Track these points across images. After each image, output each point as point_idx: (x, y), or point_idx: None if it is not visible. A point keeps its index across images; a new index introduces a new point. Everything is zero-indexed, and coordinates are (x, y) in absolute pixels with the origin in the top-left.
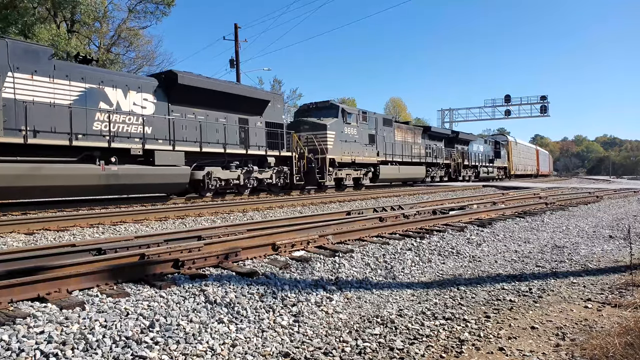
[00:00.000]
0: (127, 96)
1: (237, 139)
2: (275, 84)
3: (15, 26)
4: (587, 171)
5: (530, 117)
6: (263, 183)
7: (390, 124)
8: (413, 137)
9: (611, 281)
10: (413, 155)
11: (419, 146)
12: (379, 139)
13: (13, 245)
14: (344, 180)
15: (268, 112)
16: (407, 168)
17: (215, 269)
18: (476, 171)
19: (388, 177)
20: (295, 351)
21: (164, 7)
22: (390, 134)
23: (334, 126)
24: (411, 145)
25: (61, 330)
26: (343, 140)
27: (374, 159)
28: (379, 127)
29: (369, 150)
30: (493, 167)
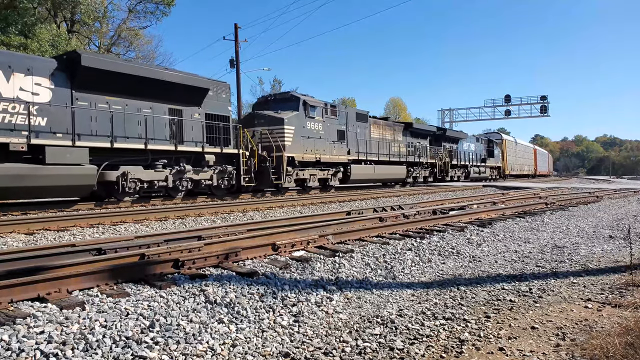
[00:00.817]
0: (10, 79)
1: (167, 133)
2: (275, 83)
3: (15, 26)
4: (587, 171)
5: (530, 117)
6: (200, 185)
7: (365, 120)
8: (392, 134)
9: (611, 281)
10: (392, 154)
11: (400, 144)
12: (350, 136)
13: (13, 245)
14: (307, 182)
15: (209, 103)
16: (385, 168)
17: (215, 269)
18: (466, 171)
19: (361, 178)
20: (295, 351)
21: (164, 7)
22: (365, 130)
23: (294, 120)
24: (390, 142)
25: (61, 330)
26: (305, 136)
27: (344, 157)
28: (350, 122)
29: (337, 148)
30: (485, 167)
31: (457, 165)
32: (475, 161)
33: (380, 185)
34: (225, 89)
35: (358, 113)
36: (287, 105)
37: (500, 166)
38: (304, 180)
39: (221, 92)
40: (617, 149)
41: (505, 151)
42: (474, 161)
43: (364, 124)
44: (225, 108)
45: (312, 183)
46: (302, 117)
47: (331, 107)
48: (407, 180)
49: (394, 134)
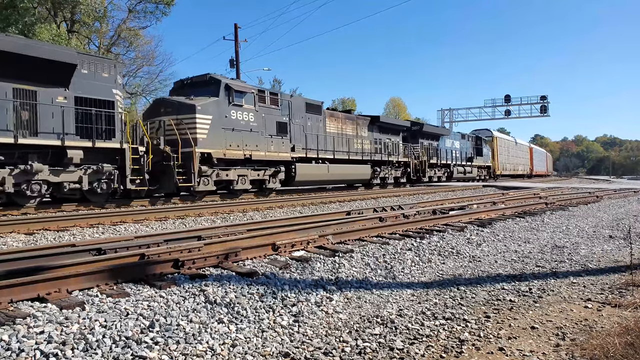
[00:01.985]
0: None
1: (8, 121)
2: (275, 83)
3: (16, 26)
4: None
5: (530, 117)
6: (64, 189)
7: (318, 111)
8: (355, 129)
9: (611, 281)
10: (352, 151)
11: (364, 140)
12: (296, 129)
13: (13, 245)
14: (234, 184)
15: (82, 84)
16: (344, 167)
17: (215, 269)
18: (448, 171)
19: (311, 179)
20: (295, 351)
21: (163, 7)
22: (319, 123)
23: (211, 108)
24: (351, 138)
25: (61, 330)
26: (228, 128)
27: (287, 154)
28: (296, 113)
29: (277, 144)
30: (472, 166)
31: (437, 164)
32: (460, 160)
33: (341, 188)
34: (109, 67)
35: (309, 103)
36: (205, 90)
37: (490, 165)
38: (229, 182)
39: (102, 70)
40: (617, 149)
41: (496, 149)
42: (459, 160)
43: (316, 115)
44: (109, 91)
45: (241, 186)
46: (223, 105)
47: (271, 94)
48: (373, 181)
49: (356, 129)
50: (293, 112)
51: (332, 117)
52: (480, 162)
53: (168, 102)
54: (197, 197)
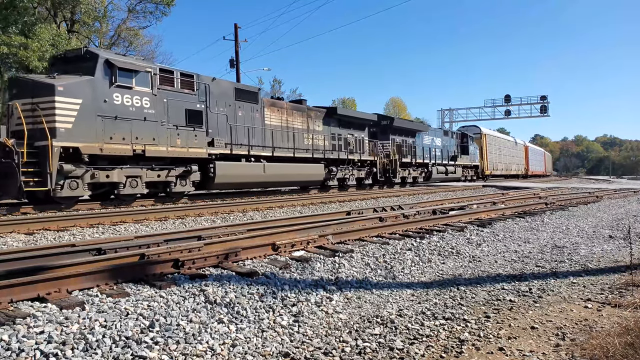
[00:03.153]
0: None
1: None
2: (275, 83)
3: (16, 26)
4: (587, 171)
5: (530, 117)
6: None
7: (254, 99)
8: (305, 122)
9: (611, 281)
10: (301, 148)
11: (318, 135)
12: (216, 120)
13: (13, 245)
14: (121, 187)
15: None
16: (286, 167)
17: (215, 269)
18: (426, 171)
19: (237, 180)
20: (295, 351)
21: (163, 7)
22: (254, 113)
23: (80, 89)
24: (300, 133)
25: (61, 330)
26: (108, 115)
27: (202, 150)
28: (218, 100)
29: (186, 137)
30: (455, 166)
31: (411, 163)
32: (442, 159)
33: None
34: None
35: (239, 89)
36: (79, 67)
37: (478, 165)
38: (114, 185)
39: None
40: (617, 149)
41: (485, 147)
42: (439, 159)
43: (250, 104)
44: None
45: (131, 190)
46: (101, 86)
47: (182, 75)
48: (329, 183)
49: (307, 122)
50: (214, 98)
51: (273, 107)
52: (466, 161)
53: (22, 82)
54: (65, 206)
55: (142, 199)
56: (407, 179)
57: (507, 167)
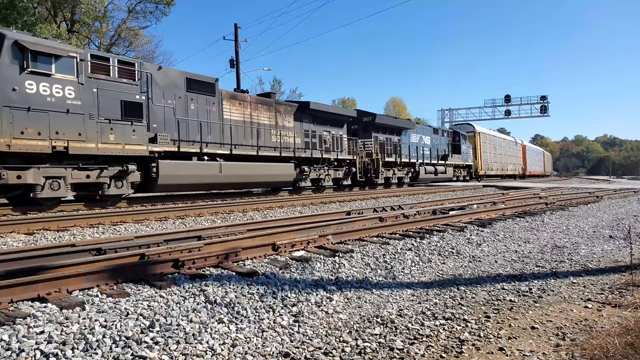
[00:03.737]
0: None
1: None
2: (275, 83)
3: (16, 26)
4: (587, 171)
5: (530, 117)
6: None
7: (210, 91)
8: (273, 118)
9: (611, 281)
10: (267, 146)
11: (287, 132)
12: (162, 113)
13: (13, 245)
14: (38, 189)
15: None
16: (248, 166)
17: (215, 269)
18: (412, 171)
19: (185, 182)
20: (295, 351)
21: (163, 7)
22: (209, 107)
23: None
24: (267, 129)
25: (61, 330)
26: (18, 106)
27: (141, 147)
28: (167, 91)
29: (122, 132)
30: (446, 165)
31: (396, 163)
32: (431, 158)
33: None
34: None
35: (192, 79)
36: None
37: (471, 164)
38: (29, 188)
39: None
40: (617, 149)
41: (479, 146)
42: (428, 158)
43: (206, 97)
44: None
45: (52, 192)
46: (9, 72)
47: (119, 63)
48: (301, 184)
49: (275, 117)
50: (160, 89)
51: (233, 101)
52: (458, 160)
53: None
54: None
55: (69, 203)
56: (391, 179)
57: (503, 167)
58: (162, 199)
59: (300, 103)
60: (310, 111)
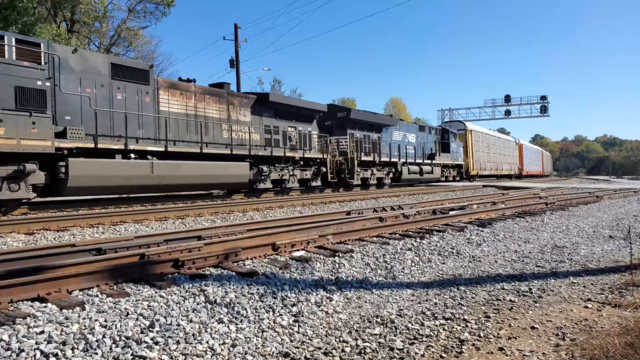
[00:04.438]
0: None
1: None
2: (275, 83)
3: (16, 26)
4: (587, 171)
5: (530, 117)
6: None
7: (143, 79)
8: (224, 110)
9: (611, 281)
10: (217, 143)
11: (242, 127)
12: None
13: (13, 245)
14: None
15: None
16: (188, 166)
17: (215, 269)
18: (394, 171)
19: (105, 184)
20: (295, 351)
21: (163, 7)
22: (142, 97)
23: None
24: (216, 124)
25: (61, 330)
26: None
27: (44, 143)
28: (84, 77)
29: (15, 124)
30: (433, 165)
31: (375, 162)
32: (416, 157)
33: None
34: None
35: (117, 65)
36: None
37: (462, 164)
38: None
39: None
40: (617, 149)
41: (470, 145)
42: (412, 157)
43: (137, 85)
44: None
45: None
46: None
47: (20, 43)
48: (259, 185)
49: (227, 110)
50: (75, 75)
51: (173, 91)
52: (447, 159)
53: None
54: None
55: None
56: (369, 180)
57: (497, 167)
58: (162, 199)
59: (259, 95)
60: (271, 104)
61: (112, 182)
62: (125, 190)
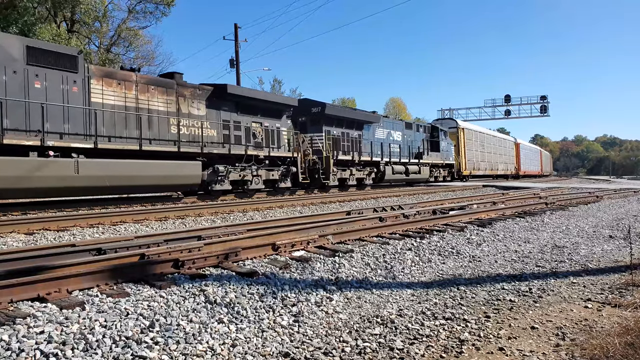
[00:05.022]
0: None
1: None
2: (275, 83)
3: (16, 26)
4: (587, 171)
5: (530, 117)
6: None
7: (71, 66)
8: (173, 103)
9: (611, 281)
10: (162, 139)
11: (193, 121)
12: None
13: (13, 245)
14: None
15: None
16: (125, 165)
17: (215, 269)
18: (377, 171)
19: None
20: (295, 351)
21: (163, 7)
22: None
23: None
24: (162, 118)
25: (61, 330)
26: None
27: None
28: None
29: None
30: (421, 165)
31: (354, 161)
32: (400, 156)
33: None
34: None
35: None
36: None
37: (453, 163)
38: None
39: None
40: (617, 149)
41: (462, 143)
42: (397, 156)
43: (62, 73)
44: None
45: None
46: None
47: None
48: (214, 187)
49: (177, 103)
50: None
51: (108, 80)
52: (436, 159)
53: None
54: None
55: None
56: (347, 181)
57: (492, 167)
58: (162, 199)
59: (216, 86)
60: (230, 97)
61: (23, 184)
62: (43, 193)
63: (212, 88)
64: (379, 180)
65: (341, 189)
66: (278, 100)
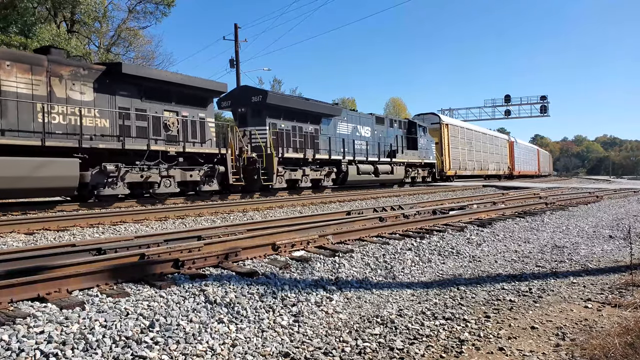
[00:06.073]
0: None
1: None
2: (275, 83)
3: (16, 26)
4: (587, 171)
5: (530, 117)
6: None
7: None
8: (43, 85)
9: (611, 281)
10: (20, 130)
11: (74, 108)
12: None
13: (13, 245)
14: None
15: None
16: None
17: (215, 269)
18: (338, 171)
19: None
20: (295, 351)
21: (163, 7)
22: None
23: None
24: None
25: (61, 330)
26: None
27: None
28: None
29: None
30: (394, 164)
31: (307, 160)
32: (369, 154)
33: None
34: None
35: None
36: None
37: (434, 162)
38: None
39: None
40: (617, 149)
41: (446, 141)
42: (364, 154)
43: None
44: None
45: None
46: None
47: None
48: (103, 191)
49: (49, 85)
50: None
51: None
52: (414, 157)
53: None
54: None
55: None
56: (299, 182)
57: (481, 166)
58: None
59: (109, 65)
60: (129, 79)
61: None
62: None
63: (104, 68)
64: (342, 182)
65: (291, 192)
66: (199, 84)
